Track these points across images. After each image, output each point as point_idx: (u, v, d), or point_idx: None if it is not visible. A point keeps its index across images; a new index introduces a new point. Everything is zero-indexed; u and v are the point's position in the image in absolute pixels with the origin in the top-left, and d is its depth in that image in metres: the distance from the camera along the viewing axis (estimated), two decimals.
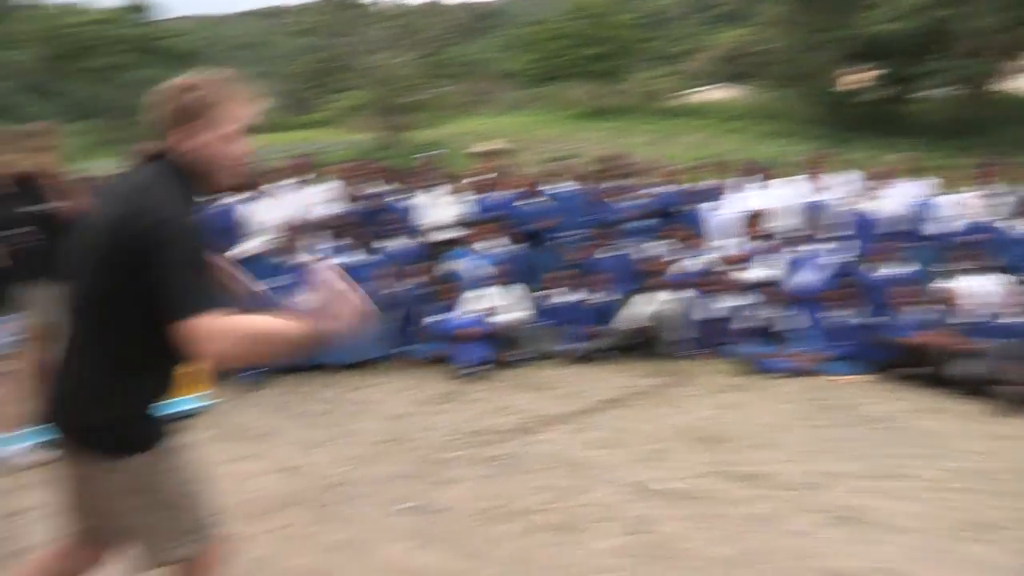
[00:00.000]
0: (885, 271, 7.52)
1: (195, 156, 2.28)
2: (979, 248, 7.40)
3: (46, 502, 4.43)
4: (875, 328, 7.29)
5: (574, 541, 4.06)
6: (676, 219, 8.27)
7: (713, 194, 8.52)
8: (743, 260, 7.90)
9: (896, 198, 8.19)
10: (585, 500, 4.52)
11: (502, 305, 7.33)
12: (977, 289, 7.15)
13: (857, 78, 29.38)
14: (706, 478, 4.87)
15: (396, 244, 7.55)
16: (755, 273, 7.82)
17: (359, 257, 7.17)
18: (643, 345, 7.62)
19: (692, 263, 7.93)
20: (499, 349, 7.17)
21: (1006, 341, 6.66)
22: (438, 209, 7.84)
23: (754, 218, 8.09)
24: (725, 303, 7.67)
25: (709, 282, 7.78)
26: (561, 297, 7.70)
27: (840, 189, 8.38)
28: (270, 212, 6.85)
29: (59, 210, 5.46)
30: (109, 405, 2.27)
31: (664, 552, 3.96)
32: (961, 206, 7.94)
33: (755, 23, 35.33)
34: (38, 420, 5.28)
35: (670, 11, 46.58)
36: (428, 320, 7.30)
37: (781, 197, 8.35)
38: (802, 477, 4.91)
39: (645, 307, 7.61)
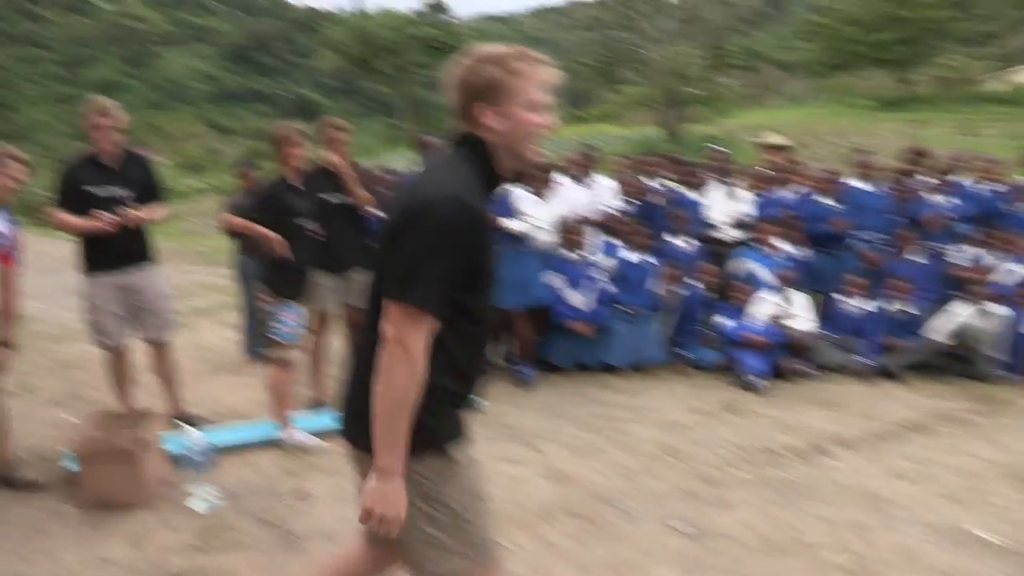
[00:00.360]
0: None
1: (497, 131, 2.14)
2: None
3: (324, 487, 4.63)
4: None
5: None
6: (996, 221, 7.29)
7: None
8: None
9: None
10: (885, 541, 4.00)
11: (791, 312, 6.81)
12: None
13: None
14: None
15: (679, 242, 7.22)
16: None
17: (640, 255, 6.91)
18: (948, 363, 6.81)
19: (1015, 272, 6.97)
20: (784, 359, 6.68)
21: None
22: (723, 206, 7.42)
23: None
24: None
25: None
26: (856, 305, 7.04)
27: None
28: (551, 205, 6.75)
29: (353, 201, 5.69)
30: None
31: None
32: None
33: None
34: (322, 406, 5.53)
35: None
36: (710, 324, 6.93)
37: None
38: None
39: (953, 320, 6.80)
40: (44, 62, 79.88)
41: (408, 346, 1.97)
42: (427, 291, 1.97)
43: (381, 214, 6.09)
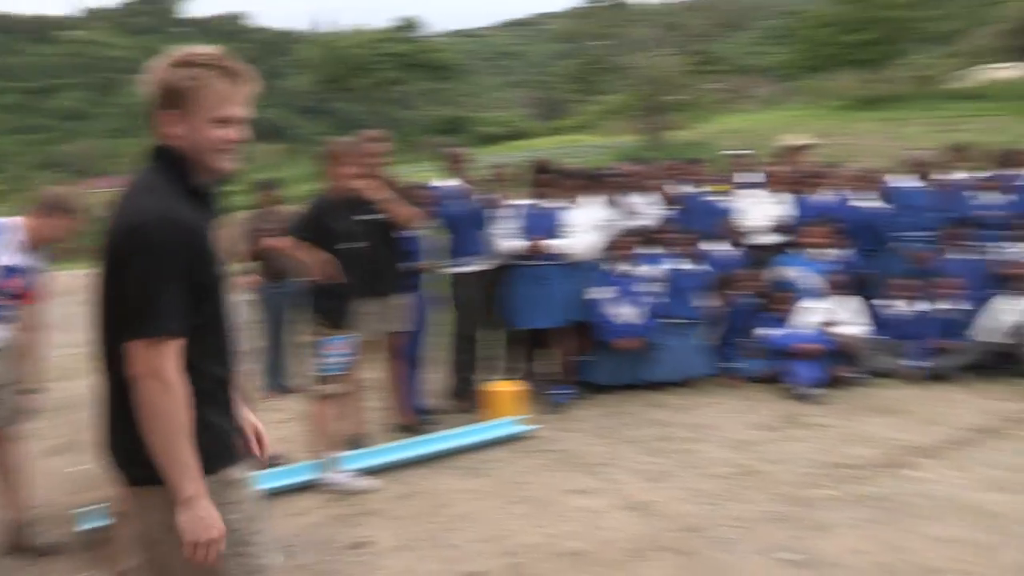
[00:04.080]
0: None
1: (182, 141, 2.04)
2: None
3: (384, 533, 4.26)
4: None
5: None
6: None
7: None
8: None
9: None
10: (1009, 561, 3.73)
11: (839, 317, 6.56)
12: None
13: None
14: None
15: (720, 250, 6.94)
16: None
17: (682, 265, 6.62)
18: (1002, 363, 6.59)
19: None
20: (835, 366, 6.42)
21: None
22: (758, 211, 7.14)
23: None
24: None
25: None
26: (904, 307, 6.81)
27: None
28: (597, 217, 6.44)
29: (389, 219, 5.29)
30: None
31: None
32: None
33: None
34: (363, 442, 5.12)
35: None
36: (757, 334, 6.66)
37: None
38: None
39: (1004, 318, 6.58)
40: (10, 92, 78.60)
41: (163, 377, 1.92)
42: (165, 318, 1.93)
43: (419, 232, 5.78)
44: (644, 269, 6.52)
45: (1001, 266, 6.85)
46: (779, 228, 7.06)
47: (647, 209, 6.91)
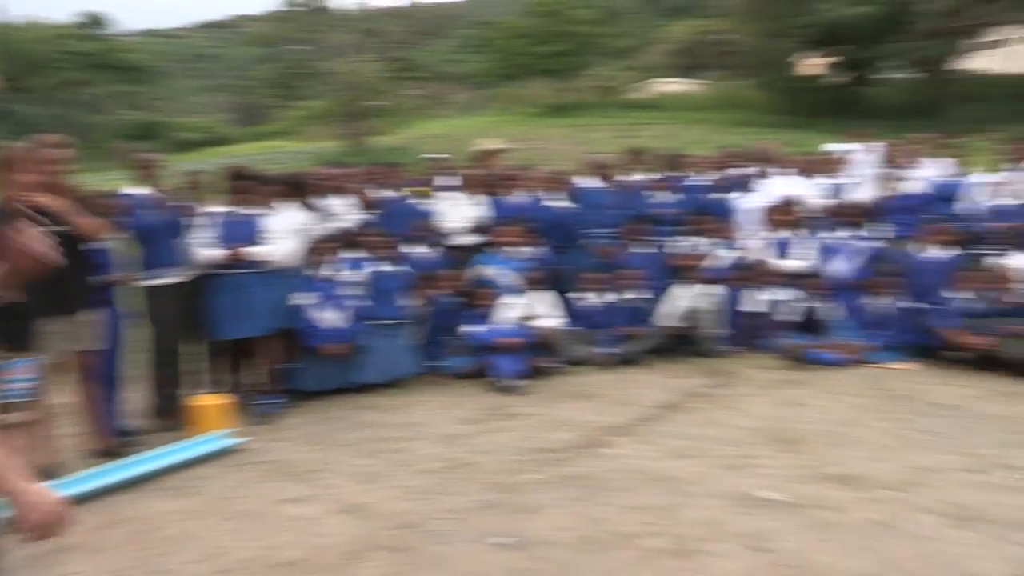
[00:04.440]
0: (926, 254, 7.26)
1: None
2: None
3: (90, 566, 3.95)
4: (917, 314, 7.05)
5: (696, 567, 3.66)
6: (706, 211, 7.92)
7: (741, 184, 8.18)
8: (776, 251, 7.59)
9: (922, 178, 7.94)
10: (689, 517, 4.13)
11: (536, 311, 6.92)
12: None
13: (814, 63, 29.43)
14: (803, 484, 4.53)
15: (420, 251, 7.09)
16: (791, 264, 7.51)
17: (384, 267, 6.70)
18: (681, 344, 7.29)
19: (725, 256, 7.61)
20: (535, 358, 6.77)
21: None
22: (456, 212, 7.39)
23: (783, 207, 7.76)
24: (762, 296, 7.36)
25: (744, 275, 7.47)
26: (594, 299, 7.33)
27: (866, 171, 8.14)
28: (297, 223, 6.33)
29: (77, 231, 4.92)
30: None
31: (798, 572, 3.59)
32: (994, 186, 7.57)
33: (711, 15, 35.39)
34: (54, 473, 4.70)
35: (620, 5, 46.56)
36: (460, 331, 6.86)
37: (809, 184, 8.07)
38: (901, 475, 4.62)
39: (680, 304, 7.28)
40: None
41: None
42: None
43: (108, 243, 5.40)
44: (346, 273, 6.53)
45: (675, 258, 7.59)
46: (477, 228, 7.36)
47: (346, 213, 6.92)
